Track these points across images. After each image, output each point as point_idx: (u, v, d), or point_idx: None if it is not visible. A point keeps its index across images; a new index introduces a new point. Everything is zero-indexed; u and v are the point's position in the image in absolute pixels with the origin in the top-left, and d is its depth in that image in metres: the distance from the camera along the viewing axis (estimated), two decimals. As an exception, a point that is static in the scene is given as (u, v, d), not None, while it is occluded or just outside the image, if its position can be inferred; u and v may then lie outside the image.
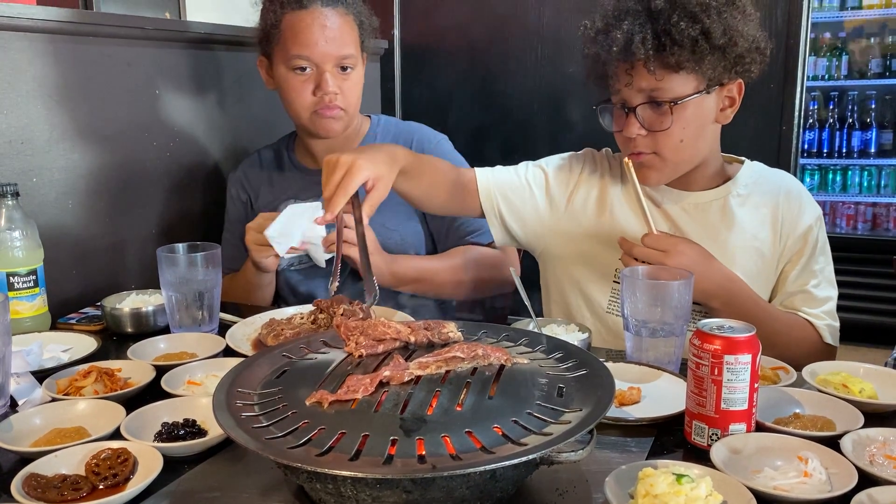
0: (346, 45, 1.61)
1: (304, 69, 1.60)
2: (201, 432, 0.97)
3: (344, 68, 1.62)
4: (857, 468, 0.84)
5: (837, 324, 1.39)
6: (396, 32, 2.53)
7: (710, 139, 1.37)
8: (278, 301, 1.77)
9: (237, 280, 1.69)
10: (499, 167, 1.49)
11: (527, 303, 1.37)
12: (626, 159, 1.33)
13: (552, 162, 1.50)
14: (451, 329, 1.02)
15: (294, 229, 1.47)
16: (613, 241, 1.40)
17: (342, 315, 1.35)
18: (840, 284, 1.43)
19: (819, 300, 1.37)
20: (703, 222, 1.39)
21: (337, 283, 1.15)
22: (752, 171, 1.42)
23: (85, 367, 1.16)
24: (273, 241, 1.46)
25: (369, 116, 1.82)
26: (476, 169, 1.46)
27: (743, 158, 1.46)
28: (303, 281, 1.74)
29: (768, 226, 1.38)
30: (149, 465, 0.88)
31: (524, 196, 1.46)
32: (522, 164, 1.50)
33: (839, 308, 1.41)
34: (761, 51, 1.30)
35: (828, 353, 1.35)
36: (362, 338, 0.96)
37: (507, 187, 1.46)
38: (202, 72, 1.97)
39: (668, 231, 1.36)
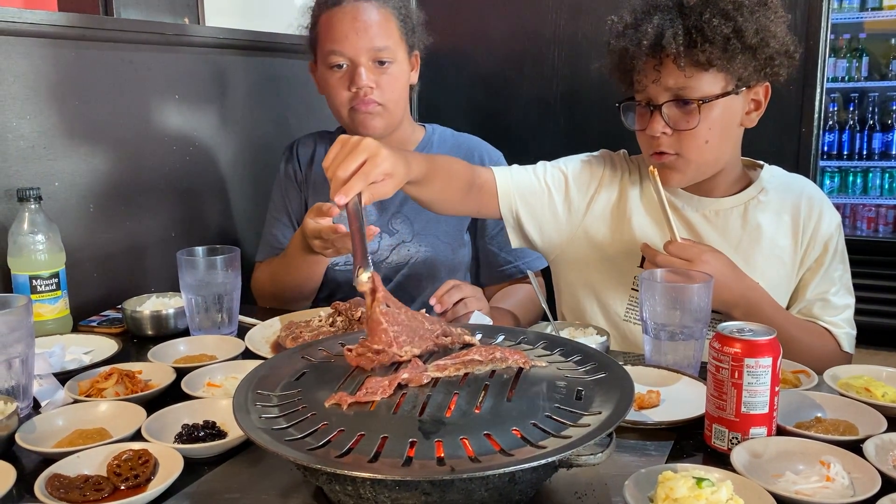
0: (381, 37, 1.57)
1: (340, 66, 1.59)
2: (221, 434, 0.98)
3: (381, 62, 1.58)
4: (881, 473, 0.83)
5: (855, 332, 1.37)
6: (413, 36, 2.54)
7: (734, 143, 1.35)
8: (319, 297, 1.72)
9: (284, 262, 1.62)
10: (516, 167, 1.46)
11: (544, 306, 1.37)
12: (651, 168, 1.31)
13: (571, 165, 1.47)
14: (465, 332, 1.02)
15: None
16: (632, 248, 1.39)
17: (359, 319, 1.36)
18: (861, 287, 1.41)
19: (838, 308, 1.36)
20: (723, 229, 1.38)
21: (367, 273, 0.99)
22: (771, 177, 1.40)
23: (106, 369, 1.17)
24: None
25: (424, 126, 1.79)
26: (494, 169, 1.43)
27: (762, 163, 1.44)
28: (349, 281, 1.70)
29: (789, 233, 1.37)
30: (169, 467, 0.88)
31: (543, 201, 1.43)
32: (541, 165, 1.47)
33: (860, 311, 1.39)
34: (790, 54, 1.28)
35: (845, 361, 1.34)
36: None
37: (527, 191, 1.43)
38: (221, 77, 1.98)
39: (689, 239, 1.34)
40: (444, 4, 2.52)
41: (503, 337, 1.06)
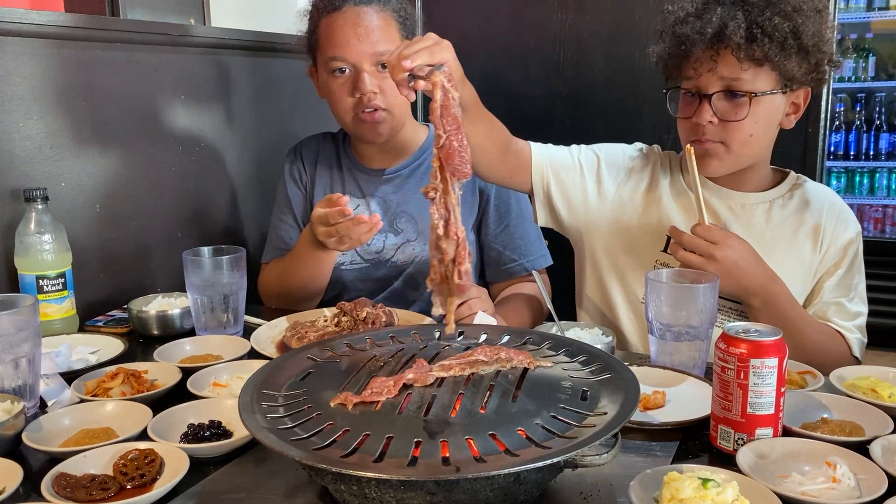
0: (383, 41, 1.57)
1: (342, 70, 1.58)
2: (227, 433, 0.98)
3: (384, 66, 1.56)
4: (887, 474, 0.82)
5: (866, 340, 1.39)
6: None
7: (770, 141, 1.39)
8: (325, 298, 1.72)
9: (292, 260, 1.62)
10: (551, 145, 1.49)
11: (549, 304, 1.37)
12: (688, 145, 1.34)
13: (605, 149, 1.51)
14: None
15: None
16: (657, 232, 1.43)
17: (364, 319, 1.36)
18: (868, 288, 1.42)
19: (852, 314, 1.38)
20: (747, 223, 1.40)
21: (437, 70, 1.02)
22: (798, 181, 1.44)
23: (112, 368, 1.18)
24: None
25: (427, 125, 1.79)
26: (530, 142, 1.46)
27: (788, 170, 1.47)
28: (354, 280, 1.73)
29: (810, 234, 1.39)
30: (175, 466, 0.89)
31: (574, 178, 1.46)
32: (575, 147, 1.50)
33: (868, 312, 1.40)
34: (834, 63, 1.33)
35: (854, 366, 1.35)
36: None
37: (560, 167, 1.45)
38: (227, 77, 1.99)
39: (716, 224, 1.36)
40: (449, 4, 2.52)
41: (508, 337, 1.06)
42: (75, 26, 1.57)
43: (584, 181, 1.47)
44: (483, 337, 1.06)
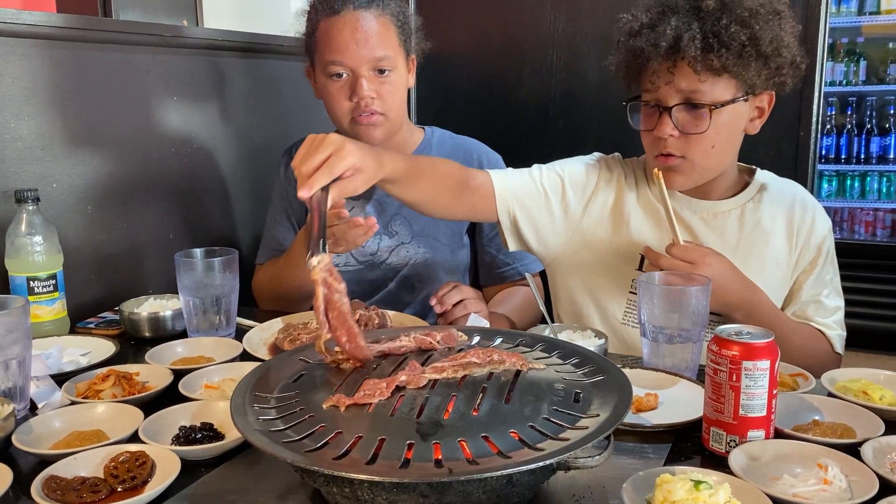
0: (382, 46, 1.56)
1: (340, 75, 1.57)
2: (218, 436, 0.98)
3: (381, 71, 1.57)
4: (878, 476, 0.83)
5: (845, 333, 1.39)
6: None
7: (736, 148, 1.37)
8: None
9: (286, 261, 1.62)
10: (511, 170, 1.45)
11: (542, 308, 1.37)
12: (656, 170, 1.31)
13: (568, 168, 1.46)
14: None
15: None
16: (630, 251, 1.40)
17: (357, 321, 1.36)
18: (858, 291, 1.43)
19: (829, 310, 1.38)
20: (721, 231, 1.38)
21: (316, 258, 0.97)
22: (765, 181, 1.42)
23: (103, 370, 1.17)
24: None
25: (423, 128, 1.78)
26: (490, 173, 1.42)
27: (755, 167, 1.45)
28: (348, 282, 1.72)
29: (784, 235, 1.38)
30: (167, 469, 0.88)
31: (540, 204, 1.42)
32: (536, 168, 1.45)
33: (858, 315, 1.41)
34: (797, 65, 1.29)
35: (836, 361, 1.36)
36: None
37: (524, 195, 1.42)
38: (220, 79, 1.98)
39: (692, 242, 1.34)
40: (443, 7, 2.52)
41: (501, 339, 1.06)
42: (67, 27, 1.56)
43: (550, 206, 1.42)
44: (476, 339, 1.06)
